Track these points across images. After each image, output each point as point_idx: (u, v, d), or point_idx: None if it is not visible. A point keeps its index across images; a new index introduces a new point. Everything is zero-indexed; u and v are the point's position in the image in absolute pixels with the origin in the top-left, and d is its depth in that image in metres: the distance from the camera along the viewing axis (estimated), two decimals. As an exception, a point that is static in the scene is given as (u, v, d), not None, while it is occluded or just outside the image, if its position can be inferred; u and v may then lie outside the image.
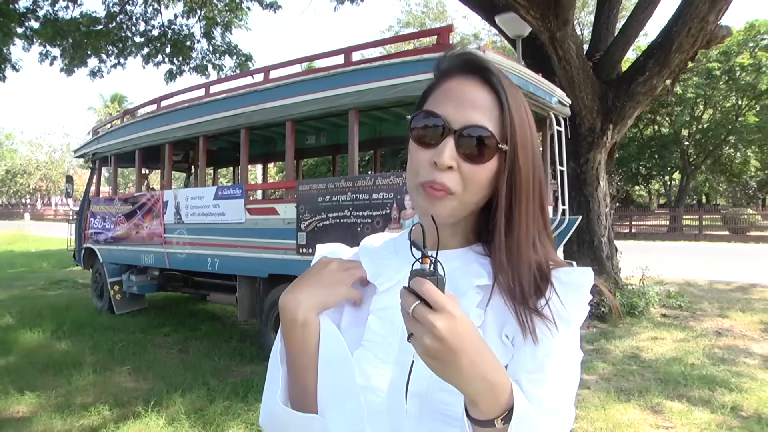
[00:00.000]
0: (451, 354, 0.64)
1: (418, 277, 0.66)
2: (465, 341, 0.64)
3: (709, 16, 6.11)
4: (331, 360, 0.83)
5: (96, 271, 8.70)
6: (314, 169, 24.99)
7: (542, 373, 0.78)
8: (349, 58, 5.57)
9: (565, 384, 0.79)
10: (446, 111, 0.81)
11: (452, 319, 0.63)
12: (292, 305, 0.85)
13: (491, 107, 0.81)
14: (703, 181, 34.66)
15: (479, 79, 0.82)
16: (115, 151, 8.25)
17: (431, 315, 0.63)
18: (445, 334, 0.63)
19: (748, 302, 8.41)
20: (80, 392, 4.88)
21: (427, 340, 0.64)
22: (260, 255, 5.86)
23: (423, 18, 33.69)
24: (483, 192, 0.82)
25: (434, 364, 0.66)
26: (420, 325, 0.64)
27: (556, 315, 0.79)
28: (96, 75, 11.14)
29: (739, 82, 23.49)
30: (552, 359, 0.78)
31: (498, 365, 0.69)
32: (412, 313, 0.65)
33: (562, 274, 0.84)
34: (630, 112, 7.25)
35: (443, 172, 0.79)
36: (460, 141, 0.79)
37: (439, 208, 0.80)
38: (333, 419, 0.81)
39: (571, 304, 0.81)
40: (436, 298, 0.64)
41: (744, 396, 4.58)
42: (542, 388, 0.77)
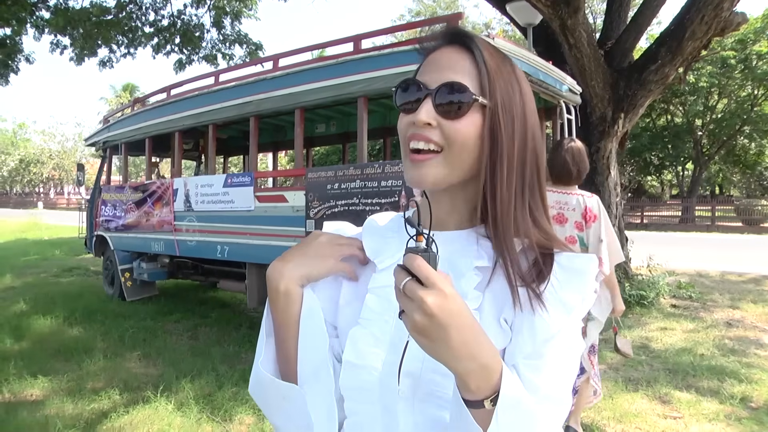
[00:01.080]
0: (441, 330, 0.63)
1: (410, 254, 0.66)
2: (455, 318, 0.64)
3: (723, 2, 6.02)
4: (308, 333, 0.84)
5: (107, 258, 8.77)
6: (326, 158, 24.99)
7: (540, 359, 0.77)
8: (358, 45, 5.55)
9: (562, 372, 0.78)
10: (425, 78, 0.83)
11: (442, 295, 0.63)
12: (276, 275, 0.86)
13: (469, 67, 0.81)
14: (716, 172, 34.33)
15: (458, 46, 0.84)
16: (125, 139, 8.29)
17: (421, 291, 0.63)
18: (435, 309, 0.62)
19: (760, 293, 8.34)
20: (91, 377, 4.94)
21: (416, 315, 0.64)
22: (269, 242, 5.88)
23: (434, 7, 33.56)
24: (469, 151, 0.81)
25: (424, 341, 0.66)
26: (410, 301, 0.64)
27: (557, 300, 0.79)
28: (106, 65, 11.18)
29: (755, 71, 23.14)
30: (551, 346, 0.77)
31: (489, 345, 0.68)
32: (402, 288, 0.65)
33: (564, 258, 0.83)
34: (642, 100, 7.17)
35: (422, 128, 0.80)
36: (437, 99, 0.80)
37: (425, 171, 0.81)
38: (309, 391, 0.83)
39: (572, 291, 0.80)
40: (426, 273, 0.64)
41: (754, 387, 4.55)
42: (540, 374, 0.76)
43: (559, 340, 0.78)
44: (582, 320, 0.86)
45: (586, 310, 0.83)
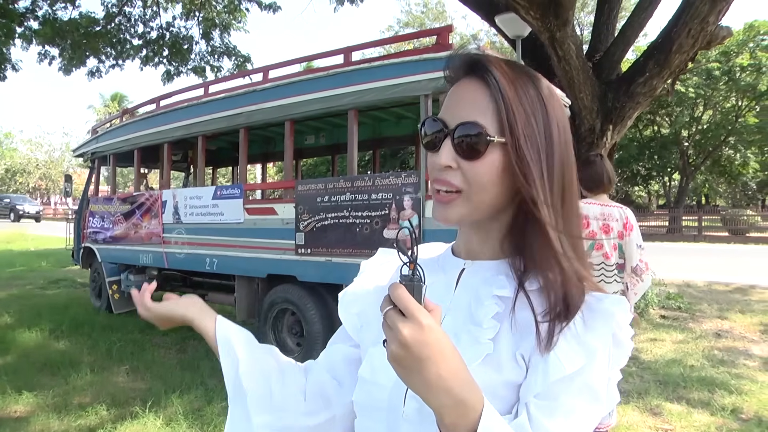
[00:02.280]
0: (416, 362, 0.62)
1: (395, 282, 0.66)
2: (432, 351, 0.62)
3: (709, 17, 6.08)
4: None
5: (94, 270, 8.68)
6: (314, 169, 25.00)
7: (554, 401, 0.73)
8: (348, 57, 5.56)
9: (576, 417, 0.74)
10: (445, 114, 0.82)
11: (419, 328, 0.62)
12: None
13: (486, 103, 0.79)
14: (702, 182, 34.67)
15: (477, 77, 0.81)
16: (114, 150, 8.23)
17: (399, 321, 0.62)
18: (409, 341, 0.61)
19: (747, 303, 8.40)
20: (78, 392, 4.86)
21: (393, 345, 0.63)
22: (259, 255, 5.85)
23: (423, 18, 33.77)
24: (491, 190, 0.79)
25: (399, 371, 0.65)
26: (390, 330, 0.64)
27: (577, 342, 0.75)
28: (94, 75, 11.11)
29: (739, 83, 23.49)
30: (567, 389, 0.74)
31: (470, 382, 0.65)
32: (384, 317, 0.65)
33: (593, 299, 0.79)
34: (630, 112, 7.22)
35: (444, 172, 0.80)
36: (456, 140, 0.79)
37: (449, 212, 0.81)
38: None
39: (597, 334, 0.76)
40: (405, 304, 0.63)
41: (744, 398, 4.57)
42: (552, 418, 0.72)
43: (578, 385, 0.74)
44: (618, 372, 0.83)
45: (620, 359, 0.80)
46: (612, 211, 3.45)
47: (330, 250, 5.20)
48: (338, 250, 5.14)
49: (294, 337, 5.78)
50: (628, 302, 0.82)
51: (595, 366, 0.75)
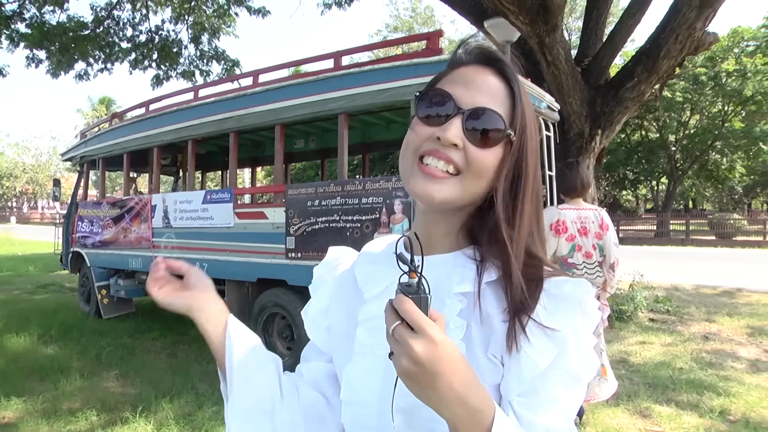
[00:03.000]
0: (430, 377, 0.61)
1: (401, 295, 0.64)
2: (444, 365, 0.61)
3: (696, 23, 6.16)
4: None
5: (83, 275, 8.63)
6: (301, 173, 24.95)
7: (534, 396, 0.74)
8: (338, 62, 5.58)
9: (561, 407, 0.75)
10: (456, 91, 0.79)
11: (431, 343, 0.61)
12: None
13: (503, 96, 0.80)
14: (689, 186, 34.93)
15: (493, 69, 0.82)
16: (103, 154, 8.19)
17: (411, 338, 0.61)
18: (423, 358, 0.60)
19: (734, 307, 8.47)
20: (67, 397, 4.83)
21: (404, 361, 0.62)
22: (249, 259, 5.84)
23: (411, 22, 33.83)
24: (484, 180, 0.79)
25: (412, 386, 0.64)
26: (399, 345, 0.62)
27: (543, 333, 0.75)
28: (82, 78, 11.06)
29: (725, 88, 23.73)
30: (544, 381, 0.74)
31: (481, 389, 0.65)
32: (392, 332, 0.63)
33: (552, 285, 0.78)
34: (618, 117, 7.29)
35: (447, 148, 0.77)
36: (469, 122, 0.77)
37: (437, 188, 0.78)
38: None
39: (562, 322, 0.75)
40: (416, 320, 0.62)
41: (731, 400, 4.61)
42: (536, 412, 0.73)
43: (555, 375, 0.75)
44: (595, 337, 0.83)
45: (589, 336, 0.77)
46: (587, 214, 3.75)
47: (320, 254, 5.13)
48: (329, 254, 5.13)
49: (284, 341, 5.77)
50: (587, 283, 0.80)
51: (568, 353, 0.75)
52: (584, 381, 0.77)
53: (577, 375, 0.76)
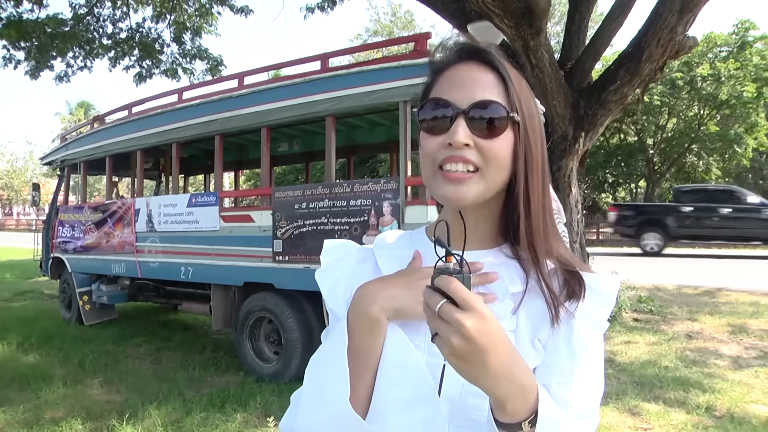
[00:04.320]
0: (480, 354, 0.62)
1: (444, 275, 0.64)
2: (494, 341, 0.62)
3: (677, 27, 6.25)
4: (402, 367, 0.79)
5: (64, 281, 8.49)
6: (282, 177, 24.83)
7: (571, 376, 0.78)
8: (325, 64, 5.57)
9: (592, 388, 0.80)
10: (452, 96, 0.80)
11: (481, 318, 0.62)
12: (368, 299, 0.82)
13: (495, 83, 0.81)
14: (667, 189, 35.40)
15: (477, 61, 0.82)
16: (84, 158, 8.08)
17: (459, 314, 0.61)
18: (473, 333, 0.61)
19: (715, 305, 8.59)
20: (50, 406, 4.73)
21: (454, 339, 0.62)
22: (235, 263, 5.80)
23: (391, 27, 33.89)
24: (504, 168, 0.81)
25: (461, 365, 0.64)
26: (446, 324, 0.62)
27: (589, 319, 0.81)
28: (62, 79, 10.87)
29: (700, 92, 24.14)
30: (582, 364, 0.79)
31: (525, 366, 0.67)
32: (438, 311, 0.63)
33: (592, 280, 0.83)
34: (601, 120, 7.36)
35: (461, 150, 0.78)
36: (472, 119, 0.78)
37: (465, 190, 0.79)
38: (398, 427, 0.78)
39: (600, 312, 0.82)
40: (464, 296, 0.62)
41: (717, 396, 4.68)
42: (571, 391, 0.77)
43: (589, 358, 0.80)
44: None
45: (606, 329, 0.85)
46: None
47: (308, 257, 5.17)
48: (317, 257, 5.06)
49: (272, 345, 5.73)
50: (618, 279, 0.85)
51: (601, 339, 0.82)
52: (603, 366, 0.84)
53: (602, 363, 0.83)
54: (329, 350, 0.85)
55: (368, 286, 0.83)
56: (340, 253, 0.99)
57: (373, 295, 0.82)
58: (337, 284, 0.92)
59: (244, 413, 4.49)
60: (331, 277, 0.94)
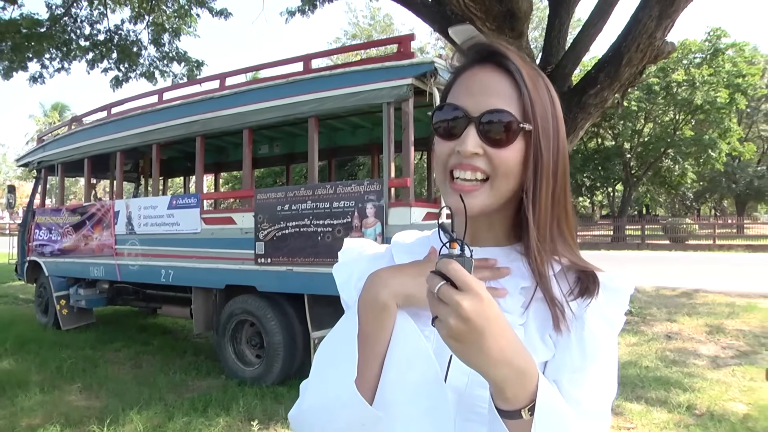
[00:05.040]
0: (477, 335, 0.62)
1: (444, 258, 0.65)
2: (491, 323, 0.62)
3: (656, 32, 6.33)
4: (409, 355, 0.78)
5: (40, 285, 8.33)
6: (260, 180, 24.66)
7: (583, 373, 0.78)
8: (308, 65, 5.55)
9: (604, 387, 0.80)
10: (465, 102, 0.80)
11: (479, 299, 0.61)
12: (379, 284, 0.81)
13: (509, 90, 0.79)
14: (644, 193, 35.91)
15: (493, 65, 0.81)
16: (62, 159, 7.94)
17: (457, 294, 0.61)
18: (471, 314, 0.61)
19: (693, 307, 8.72)
20: (26, 413, 4.63)
21: (452, 320, 0.62)
22: (217, 266, 5.74)
23: (370, 30, 33.89)
24: (513, 178, 0.80)
25: (459, 347, 0.64)
26: (445, 305, 0.62)
27: (602, 317, 0.80)
28: (37, 80, 10.67)
29: (676, 98, 24.57)
30: (595, 362, 0.78)
31: (525, 351, 0.66)
32: (437, 293, 0.63)
33: (606, 279, 0.83)
34: (582, 123, 7.42)
35: (470, 158, 0.78)
36: (482, 127, 0.78)
37: (472, 201, 0.78)
38: (404, 415, 0.77)
39: (614, 310, 0.81)
40: (462, 277, 0.62)
41: (697, 395, 4.77)
42: (582, 389, 0.77)
43: (603, 357, 0.79)
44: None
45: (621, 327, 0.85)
46: None
47: (291, 260, 5.15)
48: (299, 259, 5.10)
49: (253, 348, 5.68)
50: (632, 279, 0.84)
51: (615, 338, 0.82)
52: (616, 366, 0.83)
53: (614, 365, 0.82)
54: (338, 335, 0.85)
55: (379, 273, 0.83)
56: (358, 250, 0.99)
57: (383, 281, 0.81)
58: (351, 277, 0.92)
59: (227, 417, 4.44)
60: (346, 270, 0.94)
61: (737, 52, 25.36)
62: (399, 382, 0.78)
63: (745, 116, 33.16)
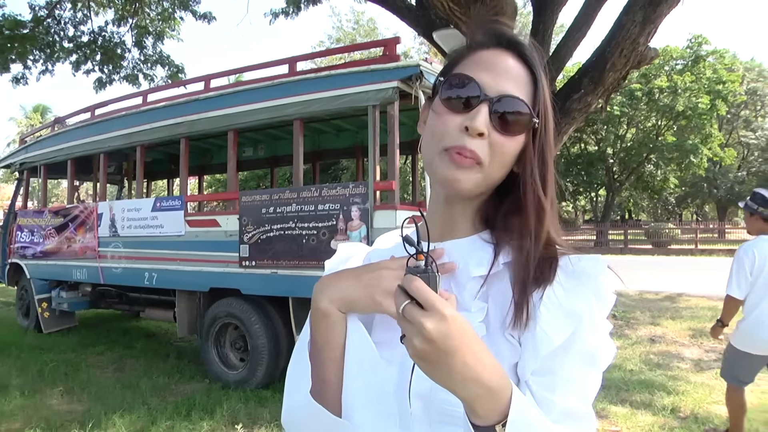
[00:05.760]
0: (443, 355, 0.60)
1: (409, 275, 0.63)
2: (457, 342, 0.60)
3: (639, 38, 6.39)
4: (358, 361, 0.77)
5: (22, 287, 8.23)
6: (244, 183, 24.49)
7: (552, 375, 0.72)
8: (293, 67, 5.53)
9: (579, 387, 0.74)
10: (480, 77, 0.77)
11: (442, 320, 0.59)
12: (319, 291, 0.80)
13: (526, 81, 0.78)
14: (627, 198, 36.24)
15: (513, 53, 0.80)
16: (45, 161, 7.85)
17: (421, 315, 0.60)
18: (434, 335, 0.59)
19: (676, 310, 8.80)
20: (6, 418, 4.56)
21: (416, 341, 0.60)
22: (201, 268, 5.70)
23: (354, 34, 33.92)
24: (506, 167, 0.79)
25: (426, 367, 0.62)
26: (410, 325, 0.61)
27: (559, 310, 0.74)
28: (19, 82, 10.55)
29: (658, 104, 24.88)
30: (560, 360, 0.73)
31: (496, 367, 0.63)
32: (402, 312, 0.62)
33: (568, 261, 0.77)
34: (566, 128, 7.46)
35: (474, 139, 0.75)
36: (495, 110, 0.76)
37: (463, 177, 0.76)
38: (360, 421, 0.76)
39: (579, 298, 0.74)
40: (425, 296, 0.60)
41: (681, 398, 4.81)
42: (553, 391, 0.72)
43: (572, 354, 0.73)
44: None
45: (604, 316, 0.77)
46: None
47: (276, 262, 5.12)
48: (284, 262, 5.08)
49: (237, 352, 5.64)
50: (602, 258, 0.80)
51: (584, 330, 0.74)
52: (601, 365, 0.76)
53: (594, 356, 0.75)
54: (299, 345, 0.85)
55: (322, 280, 0.82)
56: (346, 255, 0.97)
57: (323, 288, 0.80)
58: None
59: (211, 421, 4.40)
60: None
61: (718, 59, 25.78)
62: (353, 387, 0.77)
63: (726, 122, 33.70)
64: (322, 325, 0.79)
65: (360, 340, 0.78)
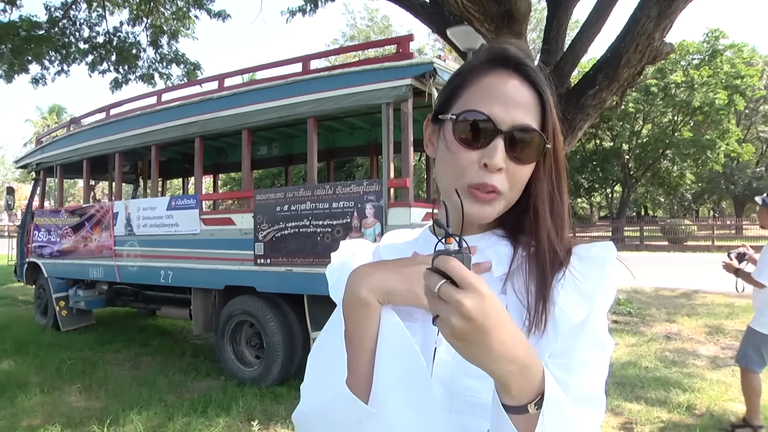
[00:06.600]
0: (481, 334, 0.60)
1: (443, 255, 0.63)
2: (494, 320, 0.60)
3: (654, 33, 6.33)
4: (394, 350, 0.77)
5: (40, 286, 8.33)
6: (258, 182, 24.67)
7: (569, 357, 0.75)
8: (306, 66, 5.55)
9: (593, 369, 0.76)
10: (492, 110, 0.78)
11: (480, 297, 0.60)
12: (358, 281, 0.81)
13: (534, 104, 0.80)
14: (643, 194, 35.94)
15: (518, 75, 0.80)
16: (61, 161, 7.94)
17: (458, 293, 0.60)
18: (473, 312, 0.59)
19: (692, 307, 8.73)
20: (27, 414, 4.63)
21: (454, 320, 0.60)
22: (216, 266, 5.74)
23: (368, 32, 33.90)
24: (522, 188, 0.82)
25: (462, 346, 0.62)
26: (446, 304, 0.61)
27: (576, 291, 0.77)
28: (38, 82, 10.70)
29: (674, 99, 24.61)
30: (579, 343, 0.75)
31: (527, 345, 0.65)
32: (438, 292, 0.62)
33: (581, 249, 0.81)
34: (580, 124, 7.42)
35: (493, 174, 0.77)
36: (510, 142, 0.78)
37: (490, 210, 0.80)
38: (393, 410, 0.76)
39: (592, 281, 0.78)
40: (463, 275, 0.61)
41: (696, 395, 4.77)
42: (570, 373, 0.74)
43: (587, 335, 0.76)
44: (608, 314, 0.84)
45: (610, 301, 0.80)
46: None
47: (290, 260, 5.14)
48: (299, 259, 5.10)
49: (253, 349, 5.67)
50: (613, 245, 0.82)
51: (596, 313, 0.77)
52: (608, 350, 0.79)
53: (602, 342, 0.78)
54: (327, 335, 0.85)
55: (359, 269, 0.83)
56: (351, 251, 0.99)
57: (362, 278, 0.81)
58: (341, 278, 0.91)
59: (227, 418, 4.44)
60: (338, 272, 0.94)
61: (736, 53, 25.43)
62: (387, 377, 0.77)
63: (744, 117, 33.25)
64: (358, 314, 0.79)
65: (396, 330, 0.78)
